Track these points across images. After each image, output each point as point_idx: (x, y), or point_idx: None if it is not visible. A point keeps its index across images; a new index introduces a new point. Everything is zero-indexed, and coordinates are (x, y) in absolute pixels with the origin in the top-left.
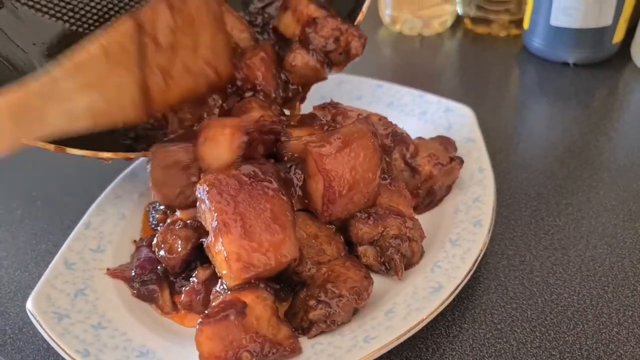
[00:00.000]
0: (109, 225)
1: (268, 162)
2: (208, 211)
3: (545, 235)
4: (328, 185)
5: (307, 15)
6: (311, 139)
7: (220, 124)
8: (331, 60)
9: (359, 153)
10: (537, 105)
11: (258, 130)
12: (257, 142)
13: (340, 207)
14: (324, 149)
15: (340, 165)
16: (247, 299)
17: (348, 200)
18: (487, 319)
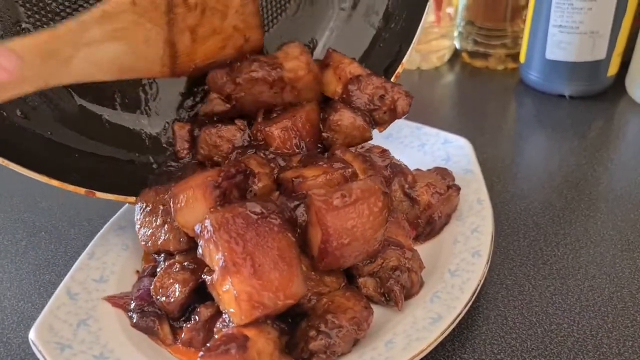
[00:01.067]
0: (112, 256)
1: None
2: (215, 250)
3: (544, 265)
4: (326, 240)
5: (350, 73)
6: (317, 192)
7: (187, 187)
8: (375, 119)
9: (363, 211)
10: (534, 136)
11: (226, 178)
12: (229, 189)
13: (336, 261)
14: (328, 203)
15: (342, 222)
16: (249, 333)
17: (345, 255)
18: (487, 349)
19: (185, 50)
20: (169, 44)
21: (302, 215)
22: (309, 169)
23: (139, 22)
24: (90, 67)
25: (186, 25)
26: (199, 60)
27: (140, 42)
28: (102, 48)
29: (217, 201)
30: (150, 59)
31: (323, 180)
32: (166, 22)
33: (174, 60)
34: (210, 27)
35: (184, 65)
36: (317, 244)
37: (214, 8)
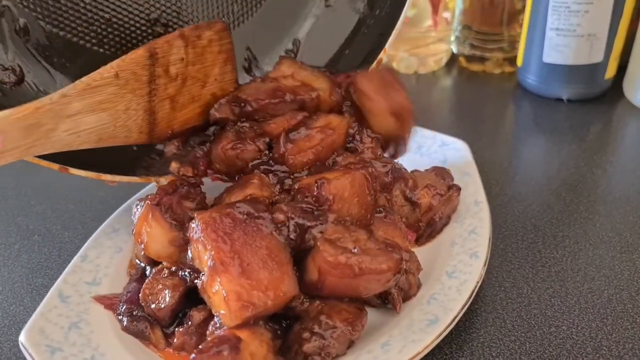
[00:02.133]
0: (105, 258)
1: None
2: (203, 250)
3: (543, 267)
4: (321, 285)
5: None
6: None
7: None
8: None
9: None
10: (532, 139)
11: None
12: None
13: (323, 294)
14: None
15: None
16: (242, 335)
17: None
18: (485, 352)
19: (164, 118)
20: (148, 112)
21: (309, 240)
22: (329, 173)
23: (120, 94)
24: (70, 138)
25: (167, 94)
26: (176, 126)
27: (120, 112)
28: (83, 119)
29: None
30: (129, 128)
31: (348, 181)
32: (147, 92)
33: (152, 127)
34: (190, 96)
35: (162, 131)
36: (310, 280)
37: (194, 77)
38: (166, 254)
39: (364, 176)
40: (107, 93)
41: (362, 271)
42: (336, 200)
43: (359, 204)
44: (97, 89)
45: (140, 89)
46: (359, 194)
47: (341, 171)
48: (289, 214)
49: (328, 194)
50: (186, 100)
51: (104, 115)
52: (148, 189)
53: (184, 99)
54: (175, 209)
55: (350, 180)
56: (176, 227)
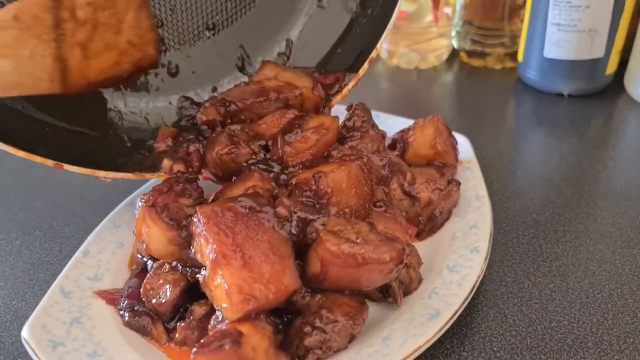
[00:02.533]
0: (107, 254)
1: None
2: (205, 244)
3: (544, 262)
4: (324, 277)
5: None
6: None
7: (138, 224)
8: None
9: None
10: (533, 135)
11: (158, 195)
12: (169, 202)
13: (325, 287)
14: (337, 248)
15: (344, 270)
16: (243, 329)
17: (335, 287)
18: (486, 346)
19: (77, 66)
20: (58, 59)
21: (312, 233)
22: (324, 166)
23: (23, 38)
24: None
25: (76, 40)
26: (92, 76)
27: (25, 58)
28: None
29: (166, 218)
30: (37, 75)
31: (345, 172)
32: (54, 37)
33: (64, 76)
34: (103, 43)
35: (77, 81)
36: (312, 272)
37: (106, 23)
38: (167, 252)
39: (359, 167)
40: (6, 37)
41: (364, 261)
42: (335, 193)
43: (356, 195)
44: None
45: (45, 34)
46: (356, 185)
47: (337, 163)
48: (292, 207)
49: (326, 187)
50: (100, 48)
51: (5, 62)
52: (150, 184)
53: (97, 46)
54: (171, 208)
55: (346, 172)
56: (174, 227)
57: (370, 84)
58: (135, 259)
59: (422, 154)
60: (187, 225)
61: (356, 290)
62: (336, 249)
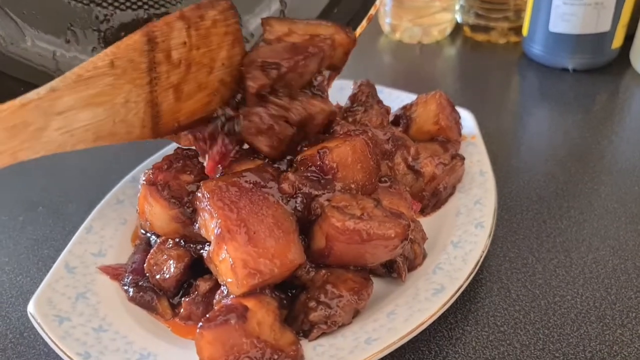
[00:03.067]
0: (110, 230)
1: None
2: (209, 219)
3: (548, 238)
4: (329, 252)
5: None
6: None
7: (140, 201)
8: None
9: (370, 248)
10: (537, 110)
11: (158, 172)
12: (171, 179)
13: (329, 263)
14: (342, 224)
15: (349, 246)
16: (249, 304)
17: (340, 263)
18: (490, 321)
19: (168, 110)
20: (151, 104)
21: (317, 209)
22: (329, 142)
23: (118, 85)
24: (62, 137)
25: (170, 83)
26: (183, 118)
27: (119, 105)
28: (77, 116)
29: (167, 196)
30: (129, 122)
31: (349, 147)
32: (148, 82)
33: (156, 120)
34: (196, 83)
35: (168, 124)
36: (317, 247)
37: (199, 63)
38: (170, 230)
39: (364, 141)
40: (102, 84)
41: (369, 237)
42: (340, 168)
43: (362, 170)
44: (90, 81)
45: (139, 79)
46: (361, 159)
47: (341, 139)
48: (296, 183)
49: (331, 162)
50: (192, 89)
51: (100, 110)
52: (152, 160)
53: (190, 87)
54: (172, 185)
55: (351, 147)
56: (176, 204)
57: (373, 59)
58: (138, 235)
59: (425, 129)
60: (189, 202)
61: (361, 266)
62: (341, 225)
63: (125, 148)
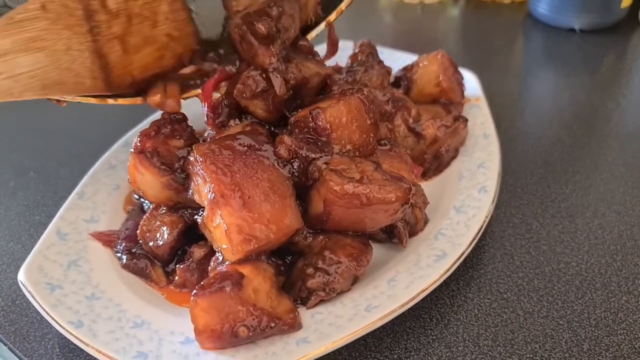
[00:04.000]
0: (103, 195)
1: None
2: (202, 183)
3: (552, 203)
4: (327, 217)
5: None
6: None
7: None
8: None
9: (370, 213)
10: (542, 72)
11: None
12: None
13: (327, 228)
14: (341, 188)
15: (348, 210)
16: (244, 270)
17: (339, 228)
18: (493, 288)
19: (118, 62)
20: (97, 54)
21: (314, 172)
22: (323, 102)
23: (54, 30)
24: (6, 83)
25: (113, 33)
26: (136, 72)
27: (60, 52)
28: (17, 61)
29: (157, 163)
30: (76, 72)
31: (343, 106)
32: (88, 30)
33: (106, 72)
34: (141, 36)
35: (120, 78)
36: (316, 213)
37: (140, 15)
38: (164, 197)
39: (360, 100)
40: (37, 29)
41: (369, 201)
42: (334, 128)
43: (359, 130)
44: (23, 24)
45: (77, 26)
46: (357, 118)
47: (335, 98)
48: (293, 146)
49: (325, 122)
50: (138, 42)
51: (40, 55)
52: (144, 125)
53: (135, 40)
54: (162, 152)
55: (345, 106)
56: (166, 171)
57: (373, 19)
58: (131, 200)
59: (427, 91)
60: (180, 168)
61: (360, 232)
62: (340, 189)
63: (118, 112)
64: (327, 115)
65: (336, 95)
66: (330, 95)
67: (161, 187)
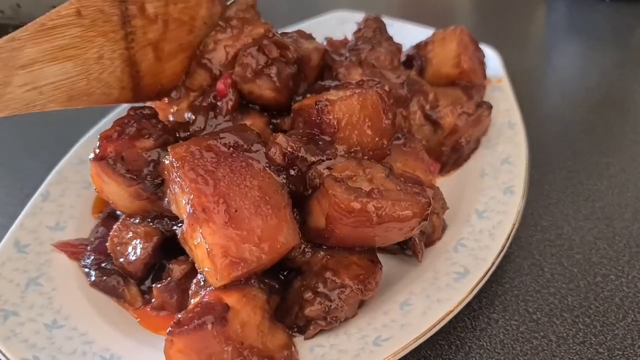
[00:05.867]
0: (71, 196)
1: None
2: (180, 193)
3: (585, 202)
4: (329, 235)
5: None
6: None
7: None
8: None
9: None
10: (567, 46)
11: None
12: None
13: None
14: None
15: (355, 229)
16: (230, 300)
17: (343, 245)
18: (521, 307)
19: (149, 70)
20: (129, 62)
21: (314, 179)
22: (333, 92)
23: (87, 37)
24: (29, 95)
25: (148, 40)
26: (166, 80)
27: (92, 61)
28: (44, 71)
29: (122, 170)
30: (106, 81)
31: (357, 101)
32: (122, 36)
33: (136, 81)
34: (176, 42)
35: (149, 86)
36: (316, 228)
37: (178, 19)
38: (137, 207)
39: (379, 95)
40: (69, 36)
41: (381, 219)
42: (342, 127)
43: (372, 131)
44: (55, 31)
45: (112, 32)
46: (372, 117)
47: (349, 89)
48: (288, 147)
49: (332, 118)
50: (173, 49)
51: (69, 65)
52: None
53: (170, 46)
54: (127, 156)
55: (360, 101)
56: (133, 179)
57: None
58: (103, 202)
59: (444, 72)
60: (151, 174)
61: (368, 247)
62: (345, 205)
63: None
64: (335, 110)
65: (351, 86)
66: (345, 84)
67: (131, 198)
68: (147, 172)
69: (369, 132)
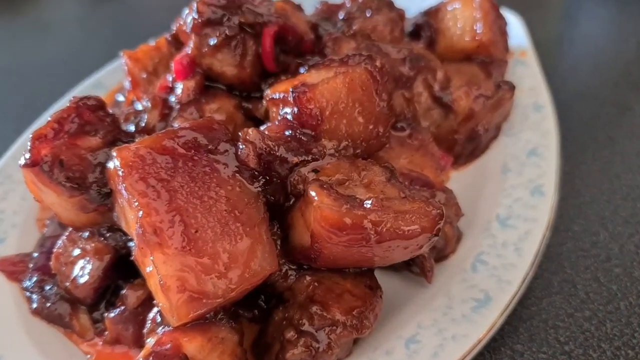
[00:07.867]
0: (14, 200)
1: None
2: (128, 208)
3: (624, 201)
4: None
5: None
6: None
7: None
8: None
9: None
10: (596, 9)
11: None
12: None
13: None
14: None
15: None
16: (191, 346)
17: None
18: (550, 336)
19: None
20: None
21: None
22: (312, 72)
23: None
24: None
25: None
26: None
27: None
28: None
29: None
30: None
31: (342, 83)
32: None
33: None
34: None
35: None
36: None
37: None
38: (84, 220)
39: (368, 73)
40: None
41: (381, 237)
42: (326, 118)
43: (364, 118)
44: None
45: None
46: (362, 101)
47: (331, 68)
48: (264, 142)
49: (314, 107)
50: None
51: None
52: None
53: None
54: (67, 160)
55: (346, 83)
56: (75, 188)
57: None
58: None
59: (459, 46)
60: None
61: (364, 267)
62: (335, 220)
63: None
64: (317, 96)
65: (334, 63)
66: (326, 62)
67: (75, 209)
68: (93, 179)
69: (360, 119)
